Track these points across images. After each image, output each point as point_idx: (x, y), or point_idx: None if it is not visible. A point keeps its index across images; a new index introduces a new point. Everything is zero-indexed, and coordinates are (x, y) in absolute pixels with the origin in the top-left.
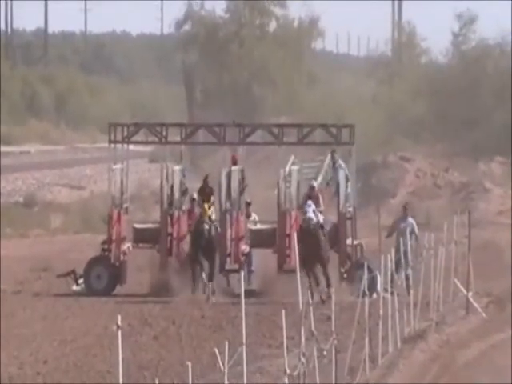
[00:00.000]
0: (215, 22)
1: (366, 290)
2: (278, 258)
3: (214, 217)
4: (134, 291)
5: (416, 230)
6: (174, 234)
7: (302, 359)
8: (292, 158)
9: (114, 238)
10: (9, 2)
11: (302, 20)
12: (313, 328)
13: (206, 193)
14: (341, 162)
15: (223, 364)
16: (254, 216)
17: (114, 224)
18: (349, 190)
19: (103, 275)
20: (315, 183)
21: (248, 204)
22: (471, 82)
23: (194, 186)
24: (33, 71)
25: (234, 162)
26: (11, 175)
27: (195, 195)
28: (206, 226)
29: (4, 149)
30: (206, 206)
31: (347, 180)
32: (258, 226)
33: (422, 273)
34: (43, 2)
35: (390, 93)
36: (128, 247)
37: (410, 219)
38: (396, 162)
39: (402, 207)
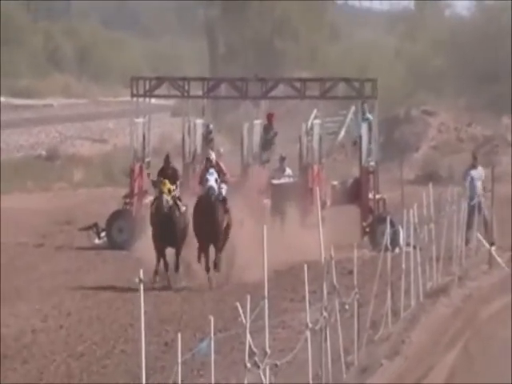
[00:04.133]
0: None
1: (389, 244)
2: (299, 212)
3: (178, 200)
4: None
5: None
6: (196, 187)
7: (324, 313)
8: (314, 112)
9: (135, 191)
10: None
11: None
12: (335, 282)
13: (168, 174)
14: (369, 114)
15: (245, 318)
16: (288, 171)
17: (135, 178)
18: (372, 144)
19: (125, 229)
20: (213, 154)
21: (283, 158)
22: (494, 35)
23: (216, 139)
24: (55, 25)
25: (270, 120)
26: (34, 128)
27: (221, 150)
28: (165, 212)
29: (26, 102)
30: (165, 188)
31: (372, 132)
32: (281, 180)
33: (445, 227)
34: None
35: (413, 47)
36: (150, 201)
37: (480, 168)
38: (419, 116)
39: (472, 156)
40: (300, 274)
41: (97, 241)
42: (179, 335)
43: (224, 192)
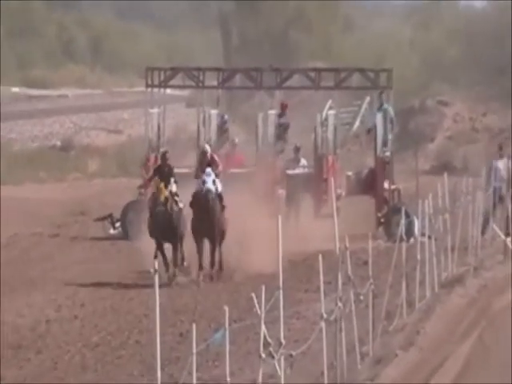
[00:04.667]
0: None
1: (404, 234)
2: (313, 202)
3: (176, 195)
4: None
5: (509, 168)
6: None
7: (339, 304)
8: (329, 102)
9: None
10: None
11: None
12: (350, 273)
13: (164, 172)
14: (386, 104)
15: (260, 308)
16: (303, 161)
17: (151, 168)
18: (389, 134)
19: (139, 220)
20: (207, 147)
21: (297, 149)
22: (509, 26)
23: (231, 130)
24: (69, 15)
25: (283, 109)
26: (48, 119)
27: (236, 140)
28: (162, 208)
29: (41, 92)
30: (161, 185)
31: (391, 123)
32: (296, 171)
33: (460, 218)
34: None
35: (428, 37)
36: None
37: (506, 159)
38: (434, 106)
39: (498, 147)
40: (315, 265)
41: (112, 231)
42: (194, 326)
43: (220, 188)
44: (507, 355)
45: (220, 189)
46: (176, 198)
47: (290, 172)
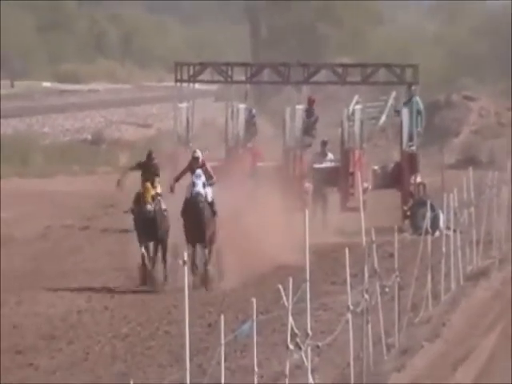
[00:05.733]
0: None
1: (429, 227)
2: (340, 196)
3: (160, 195)
4: None
5: None
6: (240, 171)
7: (365, 296)
8: (356, 97)
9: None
10: None
11: None
12: (376, 265)
13: (150, 172)
14: (417, 98)
15: (287, 300)
16: (329, 155)
17: (180, 161)
18: (418, 128)
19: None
20: (199, 153)
21: (324, 143)
22: None
23: (258, 124)
24: (100, 11)
25: (311, 104)
26: (79, 113)
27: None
28: (149, 207)
29: (72, 87)
30: (148, 184)
31: (419, 116)
32: (323, 165)
33: (485, 211)
34: None
35: (453, 32)
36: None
37: None
38: (459, 101)
39: None
40: (341, 257)
41: None
42: (222, 317)
43: (210, 196)
44: None
45: (210, 196)
46: (160, 198)
47: (316, 166)
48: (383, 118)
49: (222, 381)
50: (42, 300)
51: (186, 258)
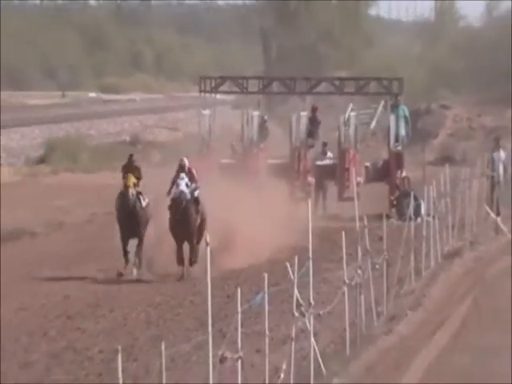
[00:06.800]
0: None
1: (412, 214)
2: (338, 188)
3: (140, 195)
4: None
5: (504, 160)
6: (253, 168)
7: (359, 271)
8: (350, 105)
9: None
10: None
11: None
12: (367, 246)
13: (131, 172)
14: (404, 106)
15: (293, 275)
16: (329, 154)
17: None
18: (403, 131)
19: None
20: (185, 161)
21: (325, 144)
22: (500, 43)
23: (269, 128)
24: (137, 32)
25: (314, 111)
26: (119, 119)
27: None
28: (131, 191)
29: (113, 97)
30: (130, 181)
31: (405, 122)
32: (323, 162)
33: (459, 201)
34: None
35: (433, 52)
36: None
37: (502, 151)
38: (437, 109)
39: (494, 140)
40: (338, 239)
41: None
42: (239, 289)
43: (197, 193)
44: (498, 315)
45: (196, 194)
46: (140, 196)
47: (318, 163)
48: (374, 123)
49: (239, 343)
50: (88, 274)
51: (208, 240)
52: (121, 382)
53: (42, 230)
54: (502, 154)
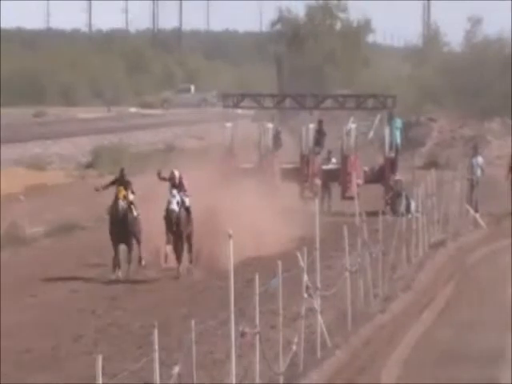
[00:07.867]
0: (298, 23)
1: (404, 211)
2: (341, 188)
3: (132, 205)
4: None
5: (481, 164)
6: (269, 171)
7: (358, 259)
8: (351, 118)
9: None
10: (155, 7)
11: (359, 21)
12: (366, 238)
13: (123, 185)
14: (397, 119)
15: (303, 262)
16: (333, 160)
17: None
18: (398, 140)
19: None
20: (176, 173)
21: (329, 151)
22: (479, 65)
23: (282, 138)
24: (171, 57)
25: (320, 124)
26: (156, 130)
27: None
28: (121, 202)
29: (151, 112)
30: (120, 194)
31: (398, 132)
32: (328, 166)
33: (443, 199)
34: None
35: (421, 72)
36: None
37: (479, 157)
38: (425, 121)
39: (473, 147)
40: (341, 232)
41: None
42: (257, 275)
43: (187, 203)
44: (476, 295)
45: (188, 203)
46: (132, 206)
47: (324, 167)
48: (371, 134)
49: (257, 320)
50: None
51: (230, 233)
52: (157, 354)
53: (91, 224)
54: (480, 160)
